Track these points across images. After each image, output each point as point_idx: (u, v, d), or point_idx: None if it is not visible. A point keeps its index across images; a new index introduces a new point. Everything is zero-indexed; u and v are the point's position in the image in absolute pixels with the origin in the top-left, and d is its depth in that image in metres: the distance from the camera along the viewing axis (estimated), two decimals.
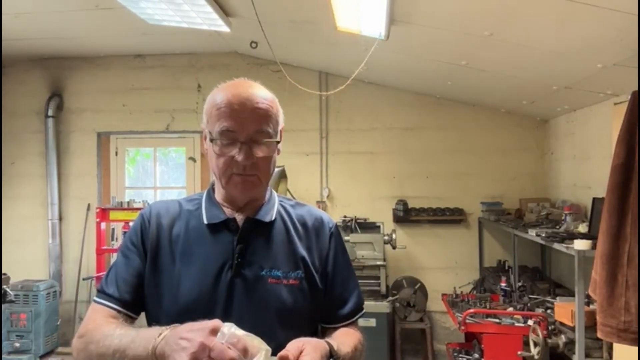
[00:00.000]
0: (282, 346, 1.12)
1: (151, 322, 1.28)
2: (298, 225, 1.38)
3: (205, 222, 1.31)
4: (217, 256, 1.27)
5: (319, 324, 1.39)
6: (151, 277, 1.28)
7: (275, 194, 1.43)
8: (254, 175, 1.26)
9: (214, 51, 5.34)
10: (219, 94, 1.27)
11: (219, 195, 1.35)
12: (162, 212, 1.35)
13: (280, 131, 1.34)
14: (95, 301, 1.28)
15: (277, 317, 1.25)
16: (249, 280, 1.26)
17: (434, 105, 5.24)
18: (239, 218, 1.31)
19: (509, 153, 5.17)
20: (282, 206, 1.40)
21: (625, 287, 2.25)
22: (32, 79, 5.56)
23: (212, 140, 1.26)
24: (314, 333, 1.35)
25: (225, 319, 1.15)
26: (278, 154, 1.34)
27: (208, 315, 1.15)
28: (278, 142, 1.31)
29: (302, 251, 1.34)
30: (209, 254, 1.27)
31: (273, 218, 1.34)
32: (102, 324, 1.20)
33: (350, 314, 1.39)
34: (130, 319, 1.26)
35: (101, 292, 1.28)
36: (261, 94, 1.28)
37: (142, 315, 1.32)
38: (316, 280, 1.33)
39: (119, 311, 1.24)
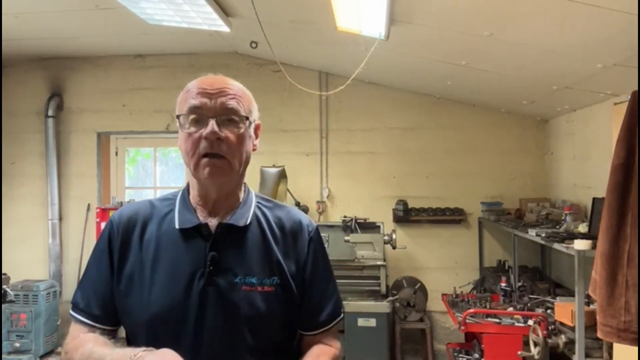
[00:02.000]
0: (255, 354, 1.17)
1: (127, 331, 1.27)
2: (275, 229, 1.32)
3: (177, 226, 1.26)
4: (189, 263, 1.22)
5: (297, 330, 1.36)
6: (121, 286, 1.24)
7: (252, 194, 1.37)
8: (222, 158, 1.20)
9: (214, 51, 5.34)
10: (190, 83, 1.27)
11: (193, 194, 1.30)
12: (132, 216, 1.30)
13: (257, 126, 1.31)
14: (71, 315, 1.27)
15: (251, 325, 1.22)
16: (222, 288, 1.21)
17: (433, 105, 5.24)
18: (212, 223, 1.27)
19: (509, 153, 5.17)
20: (259, 208, 1.35)
21: (625, 287, 2.25)
22: (32, 79, 5.56)
23: (180, 124, 1.23)
24: (289, 340, 1.34)
25: (198, 328, 1.19)
26: (254, 149, 1.31)
27: (181, 324, 1.19)
28: (249, 122, 1.27)
29: (279, 256, 1.28)
30: (181, 261, 1.23)
31: (248, 222, 1.28)
32: (81, 342, 1.20)
33: (327, 320, 1.35)
34: (109, 331, 1.25)
35: (75, 307, 1.27)
36: (233, 81, 1.28)
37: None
38: (292, 287, 1.28)
39: (93, 327, 1.24)
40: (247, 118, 1.25)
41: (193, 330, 1.19)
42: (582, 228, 3.50)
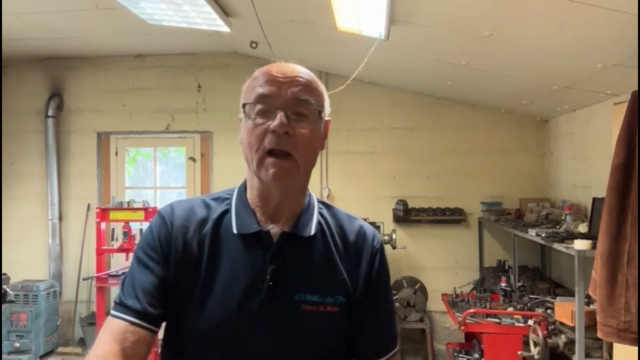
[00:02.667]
0: None
1: (173, 335, 1.14)
2: (338, 241, 1.17)
3: (235, 231, 1.12)
4: (246, 274, 1.09)
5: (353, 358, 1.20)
6: (174, 289, 1.10)
7: (314, 198, 1.22)
8: (290, 157, 1.06)
9: (214, 51, 5.34)
10: (259, 69, 1.13)
11: (251, 194, 1.15)
12: (186, 214, 1.15)
13: (327, 122, 1.16)
14: (112, 315, 1.09)
15: (311, 351, 1.10)
16: (281, 306, 1.08)
17: (434, 105, 5.24)
18: (274, 231, 1.12)
19: (509, 153, 5.17)
20: (322, 215, 1.19)
21: (625, 287, 2.25)
22: (32, 79, 5.55)
23: (245, 114, 1.09)
24: None
25: (248, 346, 1.07)
26: (322, 148, 1.15)
27: (232, 341, 1.07)
28: (321, 118, 1.12)
29: (344, 273, 1.13)
30: (237, 271, 1.10)
31: (312, 232, 1.14)
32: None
33: (388, 348, 1.20)
34: (151, 333, 1.08)
35: (119, 305, 1.09)
36: (306, 70, 1.13)
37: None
38: (356, 308, 1.14)
39: (139, 325, 1.06)
40: (320, 112, 1.11)
41: (243, 349, 1.08)
42: (582, 228, 3.50)
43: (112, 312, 1.09)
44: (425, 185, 5.24)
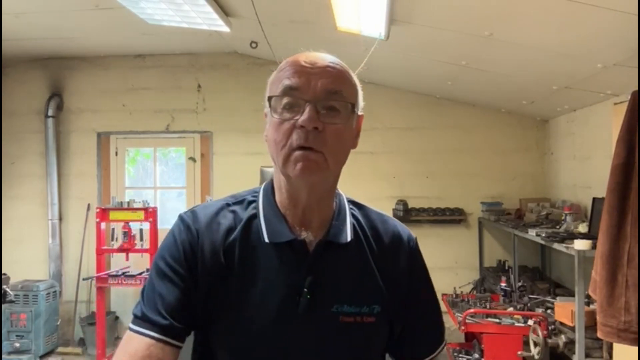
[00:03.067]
0: None
1: (203, 351, 1.06)
2: (373, 244, 1.09)
3: (267, 240, 1.02)
4: (281, 286, 1.00)
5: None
6: (201, 304, 1.01)
7: (344, 198, 1.13)
8: (319, 152, 0.96)
9: (214, 51, 5.34)
10: (286, 60, 1.05)
11: (280, 197, 1.06)
12: (211, 220, 1.04)
13: (360, 118, 1.07)
14: (131, 329, 0.98)
15: None
16: (319, 319, 1.00)
17: (434, 105, 5.24)
18: (309, 239, 1.03)
19: (509, 153, 5.17)
20: (354, 216, 1.11)
21: (625, 287, 2.25)
22: (32, 79, 5.55)
23: (270, 108, 1.00)
24: None
25: None
26: (354, 146, 1.07)
27: (270, 354, 1.00)
28: (354, 113, 1.03)
29: (379, 279, 1.06)
30: (271, 283, 1.00)
31: (349, 239, 1.06)
32: None
33: (431, 349, 1.15)
34: (177, 349, 0.98)
35: (141, 319, 0.98)
36: (338, 60, 1.05)
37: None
38: (394, 315, 1.07)
39: (165, 342, 0.96)
40: (353, 106, 1.02)
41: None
42: (582, 228, 3.50)
43: (133, 326, 0.99)
44: (425, 185, 5.24)
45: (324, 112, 0.97)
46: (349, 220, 1.08)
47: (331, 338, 1.01)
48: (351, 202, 1.15)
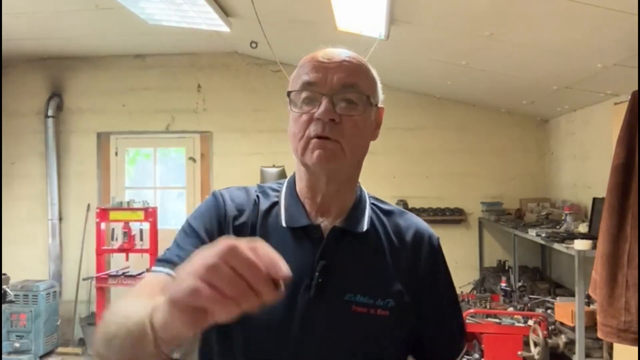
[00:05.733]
0: None
1: (219, 330, 1.02)
2: (394, 239, 1.09)
3: (284, 224, 1.06)
4: (295, 270, 0.99)
5: None
6: None
7: (365, 193, 1.16)
8: (335, 141, 1.00)
9: (214, 51, 5.34)
10: (305, 57, 1.09)
11: (300, 186, 1.10)
12: (239, 199, 1.10)
13: (379, 111, 1.10)
14: (152, 271, 1.02)
15: (359, 352, 1.02)
16: (330, 305, 1.01)
17: (434, 105, 5.24)
18: (324, 225, 1.06)
19: (509, 153, 5.17)
20: (375, 211, 1.13)
21: (625, 287, 2.25)
22: (32, 79, 5.55)
23: (291, 102, 1.05)
24: None
25: (298, 345, 1.00)
26: (374, 138, 1.10)
27: (281, 339, 1.00)
28: (372, 105, 1.05)
29: (396, 274, 1.06)
30: (289, 264, 1.02)
31: (365, 228, 1.07)
32: (135, 294, 0.94)
33: (452, 353, 1.14)
34: None
35: (157, 261, 1.03)
36: (355, 55, 1.08)
37: None
38: (409, 313, 1.05)
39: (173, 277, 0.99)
40: (369, 98, 1.05)
41: (293, 347, 1.00)
42: (582, 228, 3.50)
43: (153, 268, 1.02)
44: (425, 185, 5.23)
45: (342, 105, 1.01)
46: (367, 211, 1.10)
47: (343, 327, 1.00)
48: (374, 198, 1.17)
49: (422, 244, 1.11)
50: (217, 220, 1.06)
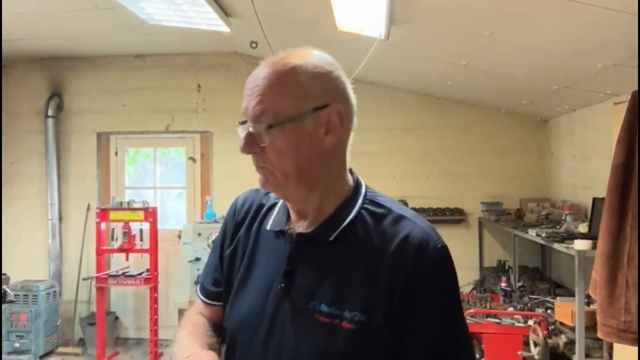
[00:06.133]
0: None
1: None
2: (376, 248, 0.99)
3: (268, 227, 1.10)
4: (271, 271, 1.05)
5: None
6: (225, 277, 1.16)
7: (362, 194, 1.08)
8: (264, 168, 1.00)
9: (214, 51, 5.34)
10: None
11: None
12: (246, 204, 1.17)
13: (330, 109, 0.99)
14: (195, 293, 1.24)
15: None
16: (295, 311, 1.00)
17: (434, 105, 5.24)
18: (296, 230, 1.06)
19: (509, 153, 5.17)
20: (363, 216, 1.03)
21: (625, 287, 2.25)
22: (32, 79, 5.55)
23: None
24: None
25: (265, 343, 1.02)
26: (326, 143, 1.00)
27: (253, 336, 1.04)
28: (309, 116, 0.97)
29: (370, 287, 0.96)
30: (267, 267, 1.07)
31: (333, 238, 1.01)
32: (186, 322, 1.17)
33: None
34: (217, 307, 1.17)
35: (197, 284, 1.26)
36: (281, 62, 1.01)
37: None
38: (380, 331, 0.95)
39: (205, 303, 1.19)
40: (290, 116, 0.97)
41: (260, 346, 1.03)
42: (582, 228, 3.50)
43: (196, 289, 1.24)
44: (425, 185, 5.23)
45: (264, 131, 0.97)
46: (350, 218, 1.02)
47: (306, 335, 0.98)
48: (373, 198, 1.08)
49: (405, 254, 0.97)
50: (227, 229, 1.18)
